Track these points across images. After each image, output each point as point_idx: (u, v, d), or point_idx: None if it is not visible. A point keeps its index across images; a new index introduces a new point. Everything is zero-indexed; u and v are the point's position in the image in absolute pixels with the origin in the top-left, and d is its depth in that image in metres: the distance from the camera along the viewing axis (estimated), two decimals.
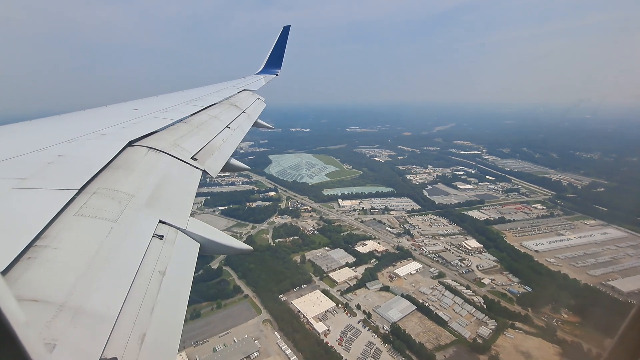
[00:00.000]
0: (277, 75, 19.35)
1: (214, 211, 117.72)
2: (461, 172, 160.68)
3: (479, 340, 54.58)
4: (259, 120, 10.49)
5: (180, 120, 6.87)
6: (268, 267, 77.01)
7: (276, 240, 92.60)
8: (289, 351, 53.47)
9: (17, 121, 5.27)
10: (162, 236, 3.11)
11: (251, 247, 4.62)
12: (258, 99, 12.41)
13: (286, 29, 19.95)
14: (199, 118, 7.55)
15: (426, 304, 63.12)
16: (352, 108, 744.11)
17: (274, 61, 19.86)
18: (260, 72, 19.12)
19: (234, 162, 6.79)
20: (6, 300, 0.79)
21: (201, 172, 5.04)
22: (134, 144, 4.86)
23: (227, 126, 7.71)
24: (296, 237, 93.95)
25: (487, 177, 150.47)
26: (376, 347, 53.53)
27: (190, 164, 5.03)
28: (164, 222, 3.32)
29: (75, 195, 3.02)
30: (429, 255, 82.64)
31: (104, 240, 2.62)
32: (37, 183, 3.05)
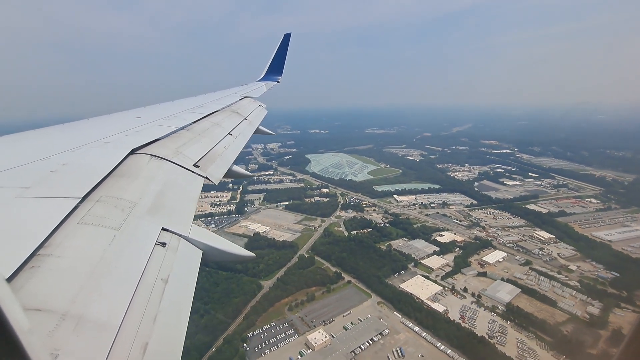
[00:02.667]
0: (278, 82, 19.48)
1: (277, 206, 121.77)
2: (501, 170, 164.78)
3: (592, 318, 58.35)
4: (261, 127, 10.53)
5: (183, 127, 6.91)
6: (360, 255, 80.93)
7: (352, 232, 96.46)
8: (416, 328, 57.31)
9: (22, 129, 5.32)
10: (165, 244, 3.12)
11: (253, 254, 4.49)
12: (260, 105, 12.48)
13: (287, 37, 20.18)
14: (201, 125, 7.57)
15: (527, 287, 66.96)
16: (360, 111, 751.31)
17: (275, 68, 20.07)
18: (262, 79, 19.31)
19: (236, 168, 6.76)
20: (11, 308, 0.79)
21: (203, 179, 5.03)
22: (137, 152, 4.89)
23: (229, 133, 7.67)
24: (370, 229, 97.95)
25: (529, 174, 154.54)
26: (499, 324, 57.41)
27: (192, 171, 5.02)
28: (167, 230, 3.33)
29: (78, 203, 3.05)
30: (508, 245, 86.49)
31: (106, 249, 2.64)
32: (41, 192, 3.08)
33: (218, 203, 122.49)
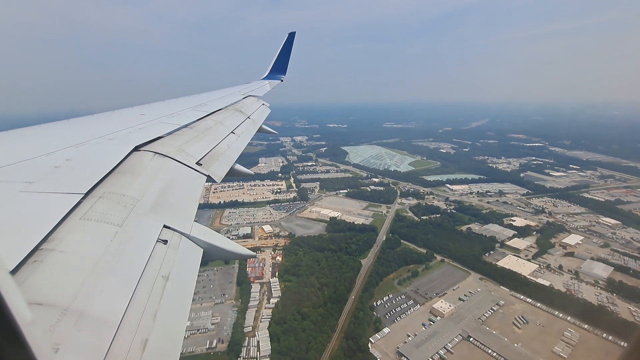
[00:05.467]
0: (282, 80, 19.48)
1: (337, 194, 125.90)
2: (540, 162, 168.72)
3: None
4: (263, 126, 10.54)
5: (186, 125, 6.95)
6: (445, 237, 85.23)
7: (422, 217, 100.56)
8: (529, 300, 61.74)
9: (28, 123, 5.32)
10: (166, 241, 3.13)
11: (254, 253, 4.79)
12: (263, 104, 12.50)
13: (291, 35, 20.14)
14: (205, 123, 7.60)
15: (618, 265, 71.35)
16: (368, 106, 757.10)
17: (279, 67, 20.09)
18: (266, 78, 19.38)
19: (238, 167, 6.80)
20: (15, 300, 0.79)
21: (205, 177, 5.07)
22: (140, 149, 4.93)
23: (232, 132, 7.73)
24: (439, 215, 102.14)
25: (570, 165, 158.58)
26: (606, 296, 61.83)
27: (195, 169, 5.07)
28: (168, 227, 3.35)
29: (81, 199, 3.07)
30: (580, 230, 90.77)
31: (108, 245, 2.65)
32: (45, 187, 3.10)
33: (279, 191, 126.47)
